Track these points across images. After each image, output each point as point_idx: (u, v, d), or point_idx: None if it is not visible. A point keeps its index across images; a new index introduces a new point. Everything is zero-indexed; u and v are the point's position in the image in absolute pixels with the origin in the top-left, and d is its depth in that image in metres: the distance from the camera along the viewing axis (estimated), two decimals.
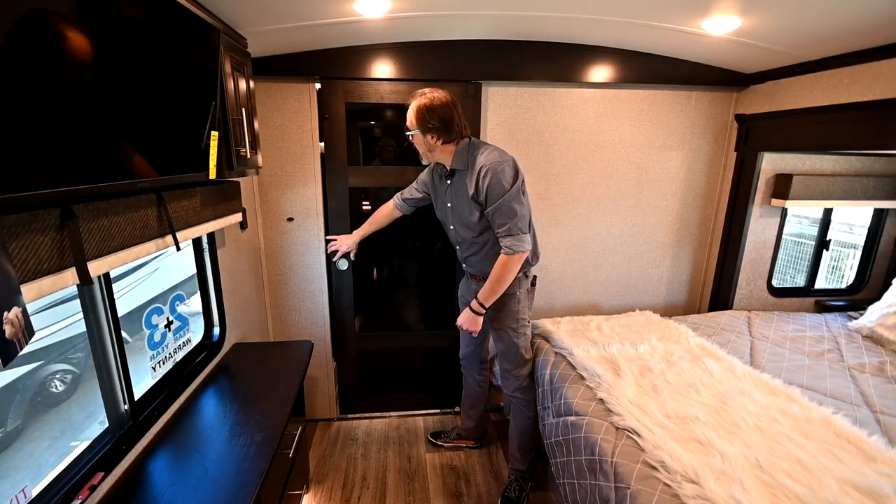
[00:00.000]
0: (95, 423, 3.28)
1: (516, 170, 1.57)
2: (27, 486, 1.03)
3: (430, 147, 1.62)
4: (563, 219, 2.40)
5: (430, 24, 1.80)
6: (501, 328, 1.80)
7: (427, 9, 1.62)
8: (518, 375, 1.86)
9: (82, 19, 0.78)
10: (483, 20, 1.79)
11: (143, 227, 1.07)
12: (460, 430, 2.33)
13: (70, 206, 0.82)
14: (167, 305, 1.54)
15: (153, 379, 1.44)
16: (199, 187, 1.38)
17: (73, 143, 0.79)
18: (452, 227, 1.79)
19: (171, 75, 1.10)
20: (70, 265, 0.81)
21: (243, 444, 1.27)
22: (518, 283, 1.74)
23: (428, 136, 1.59)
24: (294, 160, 2.17)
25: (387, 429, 2.51)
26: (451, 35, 1.98)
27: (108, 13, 0.84)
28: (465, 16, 1.73)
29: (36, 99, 0.70)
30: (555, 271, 2.47)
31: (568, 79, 2.14)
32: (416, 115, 1.57)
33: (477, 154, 1.60)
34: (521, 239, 1.56)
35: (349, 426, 2.54)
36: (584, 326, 2.10)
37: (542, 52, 2.07)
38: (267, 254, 2.29)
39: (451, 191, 1.72)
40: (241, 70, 1.54)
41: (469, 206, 1.64)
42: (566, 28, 1.88)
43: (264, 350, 1.97)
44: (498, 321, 1.80)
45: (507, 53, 2.05)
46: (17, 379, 3.00)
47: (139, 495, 1.10)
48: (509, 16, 1.73)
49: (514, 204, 1.54)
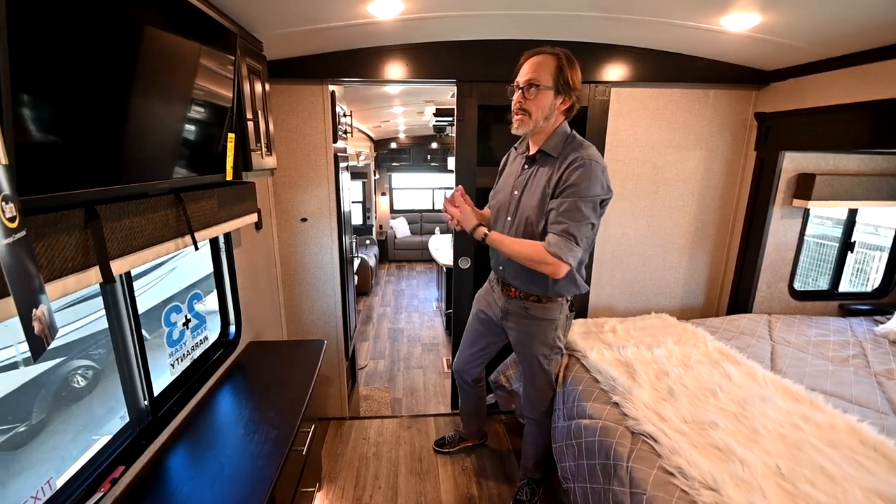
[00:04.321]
0: (115, 417, 3.37)
1: (608, 185, 1.38)
2: (52, 477, 1.06)
3: (550, 113, 1.39)
4: None
5: (442, 25, 1.80)
6: (532, 354, 1.64)
7: (439, 10, 1.63)
8: (544, 401, 1.75)
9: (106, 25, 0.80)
10: (495, 20, 1.78)
11: (163, 227, 1.09)
12: (462, 434, 2.29)
13: (94, 206, 0.84)
14: (185, 304, 1.57)
15: (172, 375, 1.47)
16: (216, 188, 1.40)
17: (96, 146, 0.82)
18: (509, 219, 1.53)
19: (191, 79, 1.13)
20: (94, 264, 0.84)
21: (258, 441, 1.28)
22: (559, 308, 1.58)
23: (559, 98, 1.38)
24: (307, 161, 2.20)
25: (399, 429, 2.52)
26: (463, 35, 1.98)
27: (130, 19, 0.86)
28: (478, 16, 1.73)
29: (63, 103, 0.73)
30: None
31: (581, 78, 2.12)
32: (556, 67, 1.34)
33: (576, 146, 1.41)
34: (571, 248, 1.33)
35: (361, 425, 2.55)
36: (598, 329, 2.07)
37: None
38: (281, 254, 2.32)
39: (526, 177, 1.50)
40: (257, 73, 1.56)
41: (541, 203, 1.42)
42: (579, 27, 1.86)
43: (278, 348, 2.00)
44: (528, 345, 1.64)
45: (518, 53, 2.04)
46: (41, 374, 3.10)
47: (158, 489, 1.12)
48: (522, 15, 1.72)
49: (587, 210, 1.32)
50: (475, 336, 1.87)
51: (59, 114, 0.72)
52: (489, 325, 1.78)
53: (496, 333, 1.80)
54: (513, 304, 1.63)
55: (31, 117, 0.65)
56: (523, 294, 1.59)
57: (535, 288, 1.56)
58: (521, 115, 1.41)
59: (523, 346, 1.67)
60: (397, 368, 3.50)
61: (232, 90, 1.33)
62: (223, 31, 1.28)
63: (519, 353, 1.73)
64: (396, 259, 7.46)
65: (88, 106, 0.78)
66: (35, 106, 0.66)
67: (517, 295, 1.60)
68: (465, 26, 1.86)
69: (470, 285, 2.38)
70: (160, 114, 1.02)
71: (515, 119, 1.43)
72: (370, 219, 7.28)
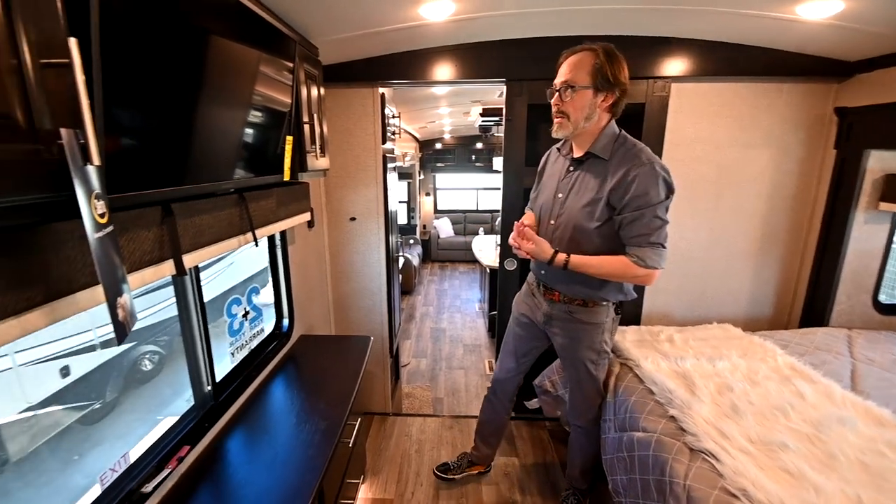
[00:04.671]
0: (177, 400, 3.64)
1: (672, 182, 1.34)
2: (127, 452, 1.16)
3: (591, 112, 1.32)
4: None
5: (492, 23, 1.79)
6: (579, 359, 1.59)
7: (491, 9, 1.62)
8: (591, 407, 1.69)
9: (183, 39, 0.86)
10: (546, 17, 1.74)
11: (228, 224, 1.16)
12: (472, 457, 2.10)
13: (169, 204, 0.91)
14: (245, 297, 1.67)
15: (231, 363, 1.56)
16: (275, 188, 1.48)
17: (171, 149, 0.88)
18: (552, 222, 1.48)
19: (254, 85, 1.19)
20: (168, 257, 0.90)
21: (309, 430, 1.33)
22: (605, 312, 1.53)
23: (600, 95, 1.30)
24: (357, 162, 2.26)
25: (440, 428, 2.53)
26: (512, 34, 1.96)
27: (204, 32, 0.92)
28: (529, 13, 1.70)
29: (144, 111, 0.79)
30: None
31: (637, 74, 2.03)
32: (593, 64, 1.27)
33: (629, 147, 1.36)
34: (660, 254, 1.33)
35: (403, 422, 2.59)
36: (654, 337, 1.97)
37: None
38: (331, 251, 2.40)
39: (572, 180, 1.44)
40: (313, 78, 1.63)
41: (593, 205, 1.36)
42: (635, 20, 1.78)
43: (327, 343, 2.07)
44: (575, 350, 1.59)
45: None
46: (114, 357, 3.42)
47: (218, 470, 1.19)
48: (575, 11, 1.67)
49: (661, 213, 1.31)
50: (517, 342, 1.81)
51: (141, 121, 0.79)
52: (531, 330, 1.74)
53: (539, 338, 1.75)
54: (557, 309, 1.58)
55: (118, 124, 0.72)
56: (567, 298, 1.53)
57: (581, 292, 1.50)
58: (559, 119, 1.37)
59: (569, 352, 1.62)
60: (439, 368, 3.52)
61: (290, 95, 1.39)
62: (284, 39, 1.34)
63: (564, 358, 1.67)
64: (439, 259, 7.51)
65: (165, 113, 0.84)
66: (121, 114, 0.72)
67: (561, 299, 1.55)
68: (515, 24, 1.83)
69: (515, 287, 2.34)
70: (227, 119, 1.08)
71: (555, 122, 1.38)
72: (414, 218, 7.38)
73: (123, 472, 1.07)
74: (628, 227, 1.33)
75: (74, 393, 3.12)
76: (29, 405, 2.85)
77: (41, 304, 0.63)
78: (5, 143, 0.50)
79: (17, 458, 2.69)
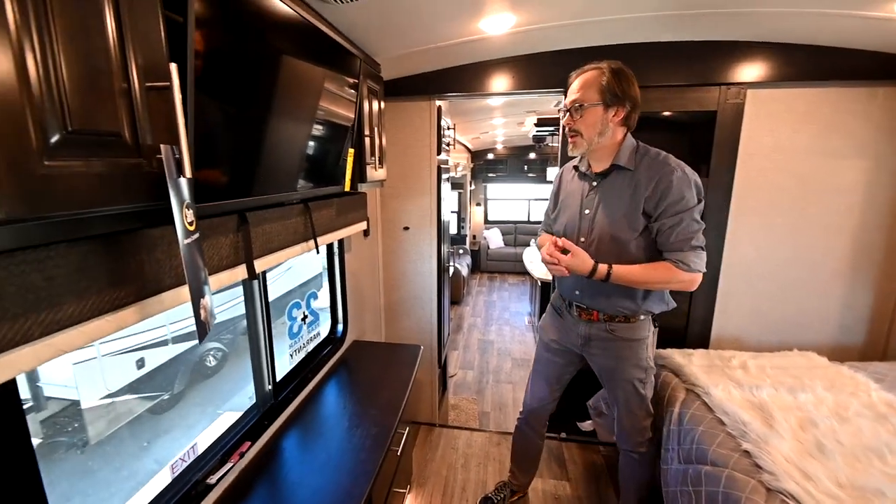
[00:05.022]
0: (234, 396, 3.86)
1: (701, 184, 1.34)
2: (196, 444, 1.24)
3: (604, 128, 1.33)
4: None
5: (551, 34, 1.77)
6: (625, 379, 1.52)
7: (551, 20, 1.60)
8: (642, 429, 1.59)
9: (263, 63, 0.93)
10: (608, 25, 1.70)
11: (294, 232, 1.23)
12: (512, 486, 2.03)
13: (244, 213, 0.97)
14: (304, 301, 1.75)
15: (290, 365, 1.64)
16: (335, 198, 1.54)
17: (247, 162, 0.95)
18: (583, 239, 1.46)
19: (321, 101, 1.26)
20: (242, 262, 0.97)
21: (360, 435, 1.36)
22: (647, 326, 1.48)
23: (611, 110, 1.32)
24: (412, 173, 2.31)
25: (487, 444, 2.48)
26: (572, 44, 1.92)
27: (281, 54, 0.99)
28: (591, 23, 1.66)
29: (225, 127, 0.86)
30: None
31: (707, 80, 1.91)
32: (601, 81, 1.29)
33: (654, 156, 1.36)
34: (701, 257, 1.33)
35: (450, 434, 2.57)
36: (725, 363, 1.81)
37: (672, 53, 1.89)
38: (384, 260, 2.46)
39: (598, 194, 1.43)
40: (375, 93, 1.69)
41: (630, 216, 1.35)
42: (704, 24, 1.69)
43: (378, 349, 2.11)
44: (619, 371, 1.52)
45: (634, 56, 1.92)
46: (183, 352, 3.70)
47: (275, 467, 1.24)
48: (638, 18, 1.61)
49: (697, 216, 1.31)
50: (550, 368, 1.72)
51: (223, 136, 0.85)
52: (564, 354, 1.66)
53: (573, 362, 1.67)
54: (595, 329, 1.51)
55: (204, 140, 0.78)
56: (607, 316, 1.47)
57: (622, 308, 1.45)
58: (573, 137, 1.38)
59: (614, 372, 1.53)
60: (486, 381, 3.47)
61: (354, 110, 1.45)
62: (351, 58, 1.41)
63: (608, 380, 1.58)
64: (489, 270, 7.46)
65: (244, 129, 0.91)
66: (207, 130, 0.79)
67: (600, 318, 1.49)
68: (575, 34, 1.80)
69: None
70: (296, 133, 1.15)
71: (570, 141, 1.40)
72: (464, 228, 7.41)
73: (192, 462, 1.15)
74: (668, 233, 1.32)
75: (147, 384, 3.41)
76: (108, 392, 3.15)
77: (134, 302, 0.69)
78: (115, 157, 0.56)
79: (95, 441, 2.97)
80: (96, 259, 0.62)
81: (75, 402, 2.97)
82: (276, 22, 0.93)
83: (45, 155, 0.48)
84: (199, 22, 0.66)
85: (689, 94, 1.98)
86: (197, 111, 0.71)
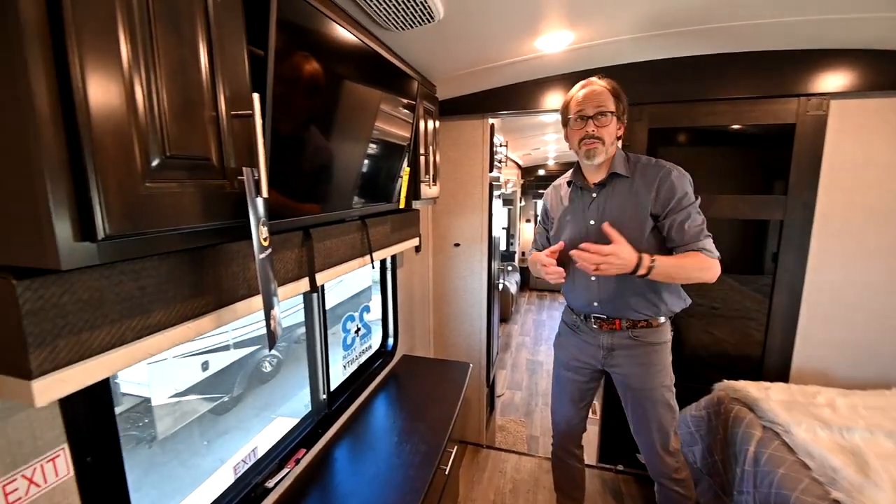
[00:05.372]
0: (287, 402, 4.02)
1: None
2: (256, 446, 1.30)
3: (614, 140, 1.40)
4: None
5: (610, 49, 1.73)
6: (654, 387, 1.44)
7: (611, 35, 1.57)
8: (674, 451, 1.49)
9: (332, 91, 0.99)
10: (672, 38, 1.64)
11: (351, 247, 1.28)
12: None
13: (309, 230, 1.03)
14: (358, 313, 1.80)
15: (343, 376, 1.68)
16: (390, 215, 1.59)
17: (312, 182, 1.00)
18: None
19: (381, 123, 1.31)
20: (305, 276, 1.02)
21: (409, 451, 1.36)
22: (668, 327, 1.47)
23: (619, 125, 1.40)
24: (465, 190, 2.33)
25: (537, 470, 2.38)
26: (631, 58, 1.87)
27: (344, 80, 1.05)
28: (652, 36, 1.61)
29: (294, 151, 0.91)
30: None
31: (784, 91, 1.78)
32: (615, 95, 1.36)
33: (644, 161, 1.43)
34: (712, 244, 1.36)
35: (497, 456, 2.51)
36: (809, 399, 1.63)
37: (741, 64, 1.78)
38: (434, 275, 2.48)
39: (599, 205, 1.44)
40: (430, 113, 1.74)
41: (641, 218, 1.37)
42: (782, 32, 1.58)
43: (427, 365, 2.12)
44: (648, 379, 1.44)
45: (698, 68, 1.83)
46: (242, 357, 3.92)
47: (327, 477, 1.27)
48: (707, 29, 1.54)
49: (699, 208, 1.38)
50: (572, 387, 1.64)
51: (292, 158, 0.91)
52: (585, 372, 1.60)
53: (595, 379, 1.63)
54: (618, 338, 1.47)
55: (276, 161, 0.84)
56: (630, 322, 1.45)
57: (645, 312, 1.43)
58: (594, 143, 1.38)
59: (641, 382, 1.46)
60: (535, 403, 3.36)
61: (410, 130, 1.50)
62: (409, 81, 1.46)
63: (632, 393, 1.49)
64: (538, 288, 7.31)
65: (311, 150, 0.96)
66: (279, 153, 0.84)
67: (622, 326, 1.46)
68: (634, 48, 1.75)
69: None
70: (356, 153, 1.20)
71: (589, 148, 1.39)
72: (513, 245, 7.33)
73: (252, 465, 1.21)
74: (680, 227, 1.35)
75: (210, 385, 3.64)
76: (176, 392, 3.39)
77: (212, 310, 0.74)
78: (203, 179, 0.62)
79: (162, 437, 3.20)
80: (182, 271, 0.68)
81: (147, 400, 3.23)
82: (343, 51, 0.98)
83: (147, 177, 0.54)
84: (278, 55, 0.72)
85: (762, 107, 1.85)
86: (272, 136, 0.77)
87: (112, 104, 0.49)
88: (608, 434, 2.30)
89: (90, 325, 0.56)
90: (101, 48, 0.48)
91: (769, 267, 2.00)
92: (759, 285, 2.06)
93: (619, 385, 1.54)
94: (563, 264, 1.44)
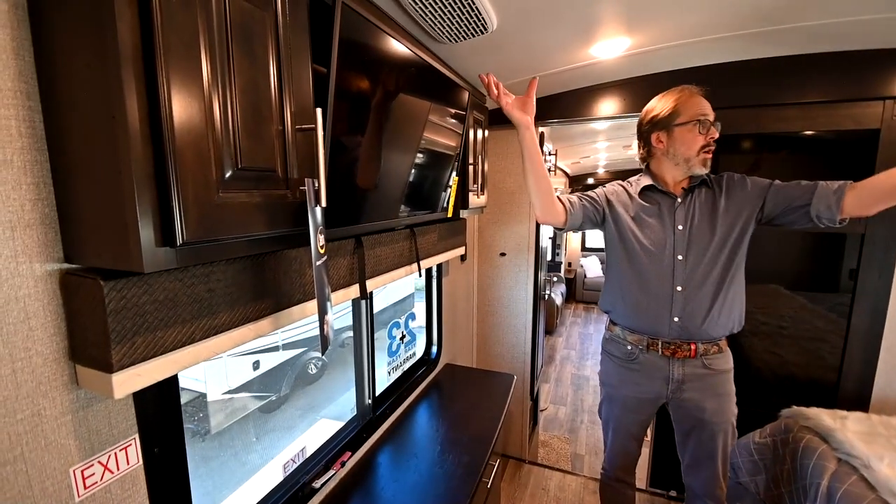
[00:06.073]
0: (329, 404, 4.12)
1: None
2: (305, 446, 1.35)
3: None
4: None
5: (668, 54, 1.66)
6: (725, 421, 1.32)
7: (671, 39, 1.51)
8: (725, 475, 1.38)
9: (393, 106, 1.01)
10: (738, 41, 1.54)
11: (399, 255, 1.30)
12: None
13: (360, 238, 1.05)
14: (403, 320, 1.82)
15: (387, 381, 1.70)
16: (438, 224, 1.60)
17: (366, 190, 1.03)
18: (681, 257, 1.31)
19: (432, 133, 1.33)
20: (355, 282, 1.04)
21: (452, 462, 1.35)
22: (729, 350, 1.35)
23: None
24: (511, 199, 2.31)
25: (582, 491, 2.28)
26: (690, 62, 1.77)
27: (400, 93, 1.08)
28: (716, 39, 1.52)
29: (348, 162, 0.95)
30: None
31: (866, 94, 1.62)
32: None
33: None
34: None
35: (540, 473, 2.43)
36: (892, 432, 1.45)
37: (815, 66, 1.64)
38: (479, 285, 2.47)
39: (688, 211, 1.33)
40: (479, 123, 1.74)
41: (745, 220, 1.28)
42: (862, 31, 1.44)
43: (470, 375, 2.10)
44: (722, 412, 1.32)
45: (765, 71, 1.71)
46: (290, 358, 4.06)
47: (370, 482, 1.29)
48: (776, 30, 1.44)
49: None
50: (636, 426, 1.49)
51: (348, 167, 0.94)
52: (647, 406, 1.43)
53: (652, 414, 1.48)
54: (690, 367, 1.31)
55: (333, 171, 0.87)
56: (704, 347, 1.29)
57: (723, 329, 1.29)
58: (710, 151, 1.30)
59: (715, 416, 1.31)
60: (580, 420, 3.24)
61: (460, 140, 1.51)
62: (460, 91, 1.48)
63: (705, 426, 1.33)
64: (584, 300, 7.07)
65: (365, 160, 0.99)
66: (336, 163, 0.88)
67: (696, 353, 1.30)
68: (695, 52, 1.67)
69: None
70: (407, 163, 1.23)
71: (708, 156, 1.30)
72: (559, 255, 7.15)
73: (300, 465, 1.24)
74: (788, 187, 1.25)
75: (260, 384, 3.80)
76: (229, 389, 3.57)
77: (271, 313, 0.78)
78: (269, 189, 0.66)
79: (215, 431, 3.37)
80: (245, 276, 0.72)
81: (202, 395, 3.42)
82: (399, 64, 1.01)
83: (221, 188, 0.58)
84: (339, 71, 0.75)
85: (840, 111, 1.69)
86: (332, 148, 0.80)
87: (193, 120, 0.53)
88: (660, 458, 2.17)
89: (164, 324, 0.61)
90: (185, 68, 0.52)
91: (845, 284, 1.81)
92: (833, 304, 1.87)
93: (686, 417, 1.37)
94: (624, 279, 1.37)
